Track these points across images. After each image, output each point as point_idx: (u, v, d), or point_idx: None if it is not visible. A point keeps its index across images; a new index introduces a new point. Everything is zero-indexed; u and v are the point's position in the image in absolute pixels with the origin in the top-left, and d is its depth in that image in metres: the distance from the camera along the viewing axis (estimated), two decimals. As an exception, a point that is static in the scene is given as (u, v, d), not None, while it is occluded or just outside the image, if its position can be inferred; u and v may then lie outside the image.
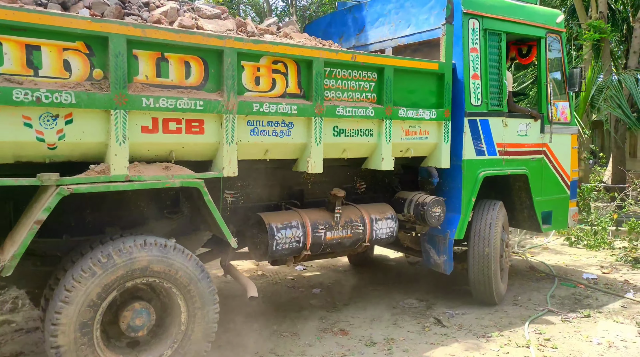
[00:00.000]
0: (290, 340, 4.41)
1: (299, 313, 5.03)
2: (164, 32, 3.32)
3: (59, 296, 3.10)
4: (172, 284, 3.44)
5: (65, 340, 3.07)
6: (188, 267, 3.46)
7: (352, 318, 4.93)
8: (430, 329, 4.69)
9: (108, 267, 3.18)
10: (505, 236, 5.31)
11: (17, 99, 2.87)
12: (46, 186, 3.09)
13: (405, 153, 4.64)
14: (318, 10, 15.69)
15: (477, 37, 4.91)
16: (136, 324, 3.39)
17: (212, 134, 3.58)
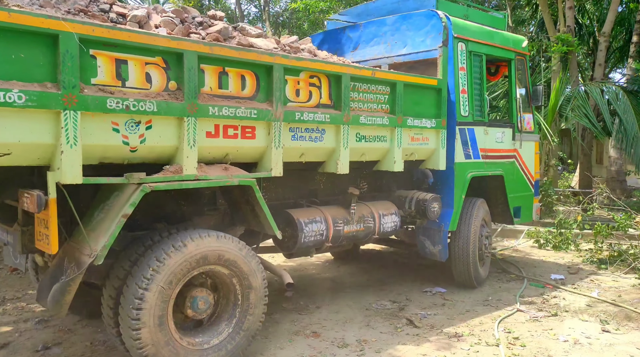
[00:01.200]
0: (261, 343, 4.32)
1: (270, 316, 4.88)
2: (227, 50, 3.67)
3: (138, 284, 3.35)
4: (229, 270, 3.76)
5: (147, 321, 3.34)
6: (239, 254, 3.79)
7: (324, 320, 4.93)
8: (402, 329, 4.73)
9: (182, 254, 3.46)
10: (485, 230, 5.99)
11: (110, 107, 3.13)
12: (123, 184, 3.35)
13: (410, 157, 5.19)
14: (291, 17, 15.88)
15: (464, 58, 5.56)
16: (200, 308, 3.69)
17: (262, 139, 3.95)
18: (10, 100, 2.76)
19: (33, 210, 3.02)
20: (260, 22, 17.50)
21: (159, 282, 3.38)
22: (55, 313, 3.30)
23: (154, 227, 3.93)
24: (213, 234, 3.68)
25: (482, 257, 5.96)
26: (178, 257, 3.45)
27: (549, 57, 12.66)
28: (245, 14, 17.92)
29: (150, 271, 3.36)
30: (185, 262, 3.49)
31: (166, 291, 3.42)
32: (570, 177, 12.86)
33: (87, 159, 3.13)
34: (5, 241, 3.80)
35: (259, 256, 4.72)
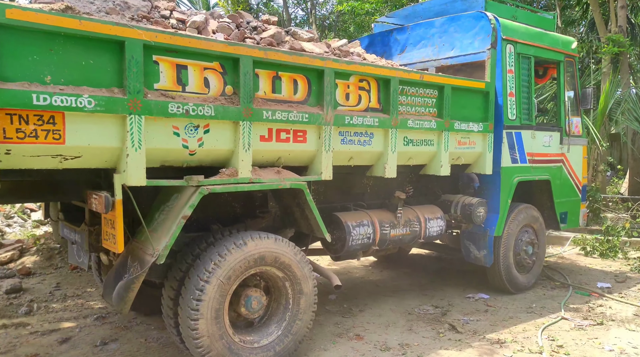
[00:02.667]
0: (306, 344, 4.36)
1: (314, 319, 4.98)
2: (281, 54, 3.75)
3: (200, 276, 3.47)
4: (283, 273, 3.85)
5: (204, 312, 3.45)
6: (293, 258, 3.87)
7: (367, 324, 4.97)
8: (444, 334, 4.73)
9: (242, 252, 3.59)
10: (526, 236, 5.90)
11: (171, 112, 3.25)
12: (182, 186, 3.47)
13: (457, 161, 5.17)
14: (338, 20, 15.91)
15: (512, 60, 5.51)
16: (253, 307, 3.78)
17: (313, 142, 4.02)
18: (81, 105, 2.91)
19: (101, 210, 3.16)
20: (307, 26, 17.55)
21: (219, 276, 3.50)
22: (120, 309, 3.44)
23: (210, 228, 4.05)
24: (272, 237, 3.78)
25: (520, 263, 5.88)
26: (238, 254, 3.57)
27: (600, 58, 12.25)
28: (292, 17, 17.99)
29: (212, 265, 3.48)
30: (244, 259, 3.59)
31: (224, 286, 3.53)
32: (619, 183, 12.31)
33: (150, 161, 3.25)
34: (73, 240, 3.98)
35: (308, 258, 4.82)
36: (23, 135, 2.78)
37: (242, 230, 3.92)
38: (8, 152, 2.78)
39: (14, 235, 8.15)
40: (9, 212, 9.53)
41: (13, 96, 2.71)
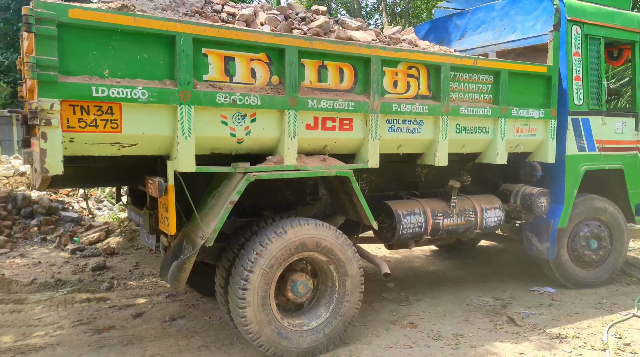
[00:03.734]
0: (359, 329, 4.52)
1: (369, 305, 5.15)
2: (326, 44, 3.85)
3: (244, 266, 3.66)
4: (326, 257, 3.96)
5: (251, 301, 3.64)
6: (335, 242, 3.97)
7: (422, 312, 5.01)
8: (502, 327, 4.68)
9: (282, 240, 3.74)
10: (588, 229, 5.58)
11: (219, 101, 3.45)
12: (231, 173, 3.67)
13: (515, 149, 5.03)
14: (408, 7, 15.74)
15: (579, 42, 5.25)
16: (299, 292, 3.93)
17: (359, 130, 4.08)
18: (135, 96, 3.17)
19: (155, 195, 3.43)
20: (377, 13, 17.44)
21: (261, 265, 3.67)
22: (174, 287, 3.71)
23: (261, 214, 4.25)
24: (311, 222, 3.90)
25: (581, 258, 5.60)
26: (279, 242, 3.72)
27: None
28: (362, 6, 17.91)
29: (254, 255, 3.66)
30: (285, 247, 3.74)
31: (268, 274, 3.70)
32: None
33: (200, 149, 3.48)
34: (138, 222, 4.34)
35: (358, 246, 4.91)
36: (84, 124, 3.09)
37: (292, 217, 4.07)
38: (72, 140, 3.09)
39: (103, 218, 8.95)
40: (99, 196, 10.45)
41: (75, 89, 3.02)
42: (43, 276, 5.92)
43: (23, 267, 6.24)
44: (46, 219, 7.88)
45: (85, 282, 5.75)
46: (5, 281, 5.60)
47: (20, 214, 7.87)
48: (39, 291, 5.48)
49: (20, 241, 7.29)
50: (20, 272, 6.03)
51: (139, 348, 4.14)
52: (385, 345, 4.26)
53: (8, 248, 6.90)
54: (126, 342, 4.25)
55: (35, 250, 7.05)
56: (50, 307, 5.00)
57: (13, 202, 7.94)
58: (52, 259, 6.65)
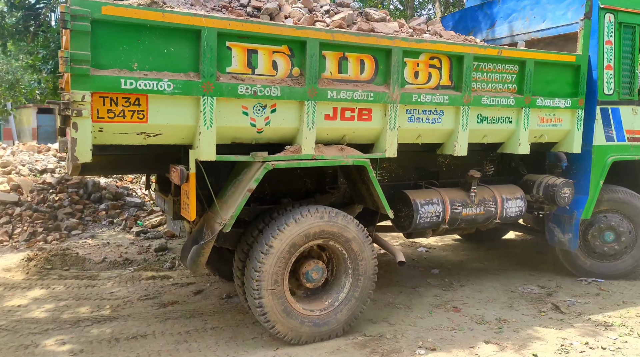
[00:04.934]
0: (404, 312, 4.86)
1: (414, 289, 5.49)
2: (347, 36, 4.03)
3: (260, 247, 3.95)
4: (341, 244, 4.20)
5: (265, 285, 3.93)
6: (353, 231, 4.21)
7: (466, 298, 5.25)
8: (546, 314, 4.86)
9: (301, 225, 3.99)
10: (605, 221, 5.63)
11: (240, 93, 3.69)
12: (250, 162, 3.93)
13: (539, 139, 5.12)
14: None
15: (612, 31, 5.25)
16: (314, 278, 4.20)
17: (378, 120, 4.27)
18: (161, 88, 3.45)
19: (177, 182, 3.73)
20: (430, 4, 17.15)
21: (278, 249, 3.94)
22: (193, 271, 4.03)
23: (280, 202, 4.51)
24: (328, 210, 4.13)
25: (593, 250, 5.72)
26: (295, 228, 3.96)
27: None
28: None
29: (271, 239, 3.93)
30: (301, 233, 3.99)
31: (284, 259, 3.96)
32: None
33: (222, 139, 3.75)
34: (163, 208, 4.68)
35: (376, 234, 5.13)
36: (113, 115, 3.38)
37: (311, 204, 4.32)
38: (101, 130, 3.40)
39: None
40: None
41: (106, 81, 3.31)
42: (112, 255, 6.60)
43: (94, 247, 6.98)
44: (113, 203, 8.68)
45: (149, 262, 6.39)
46: (80, 259, 6.27)
47: (90, 199, 8.72)
48: (109, 269, 6.17)
49: (90, 224, 8.09)
50: (91, 252, 6.75)
51: (200, 321, 4.61)
52: (429, 327, 4.56)
53: (80, 230, 7.69)
54: (188, 315, 4.74)
55: (104, 232, 7.81)
56: (119, 283, 5.65)
57: (84, 188, 8.80)
58: (119, 240, 7.40)
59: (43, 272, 5.87)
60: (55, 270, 5.96)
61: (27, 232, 7.12)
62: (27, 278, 5.71)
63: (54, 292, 5.28)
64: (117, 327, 4.45)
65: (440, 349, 4.13)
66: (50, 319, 4.58)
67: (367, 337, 4.32)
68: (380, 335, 4.37)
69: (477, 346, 4.21)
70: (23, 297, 5.14)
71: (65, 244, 7.02)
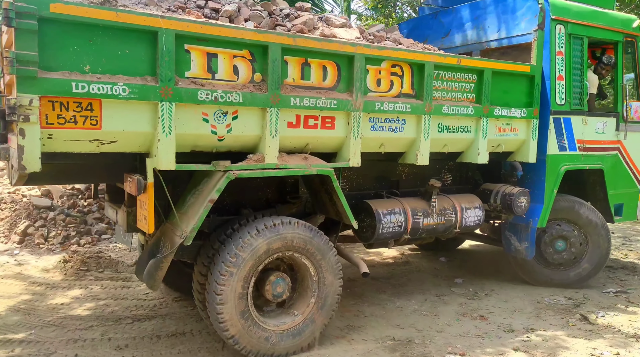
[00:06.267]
0: (430, 319, 5.05)
1: (439, 298, 5.66)
2: (310, 41, 4.03)
3: (222, 261, 3.84)
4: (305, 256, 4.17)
5: (228, 300, 3.83)
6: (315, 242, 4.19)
7: (492, 307, 5.38)
8: (574, 324, 4.96)
9: (263, 238, 3.92)
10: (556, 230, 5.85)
11: (200, 98, 3.61)
12: (212, 171, 3.84)
13: (497, 148, 5.30)
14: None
15: (562, 42, 5.54)
16: (277, 291, 4.13)
17: (341, 129, 4.28)
18: (116, 92, 3.31)
19: (134, 193, 3.58)
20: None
21: (240, 263, 3.85)
22: (150, 286, 3.87)
23: (241, 212, 4.42)
24: (292, 221, 4.09)
25: (548, 260, 5.93)
26: (257, 241, 3.90)
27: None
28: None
29: (233, 252, 3.84)
30: (263, 246, 3.92)
31: (246, 272, 3.88)
32: None
33: (181, 147, 3.63)
34: (115, 219, 4.47)
35: (338, 245, 5.12)
36: (63, 120, 3.21)
37: (272, 215, 4.26)
38: (50, 137, 3.22)
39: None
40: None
41: (55, 84, 3.14)
42: (142, 259, 6.86)
43: (124, 251, 7.21)
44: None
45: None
46: (113, 261, 6.53)
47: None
48: (141, 272, 6.44)
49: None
50: (122, 255, 6.97)
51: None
52: (456, 333, 4.70)
53: (109, 234, 7.89)
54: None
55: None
56: (153, 285, 5.92)
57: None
58: (147, 246, 7.61)
59: (80, 273, 6.19)
60: (90, 271, 6.25)
61: (61, 236, 7.47)
62: (65, 279, 6.02)
63: (93, 292, 5.59)
64: (156, 325, 4.75)
65: (470, 355, 4.24)
66: (93, 317, 4.92)
67: (397, 342, 4.49)
68: (409, 340, 4.53)
69: (507, 353, 4.33)
70: (64, 296, 5.47)
71: (97, 248, 7.30)
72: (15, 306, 5.15)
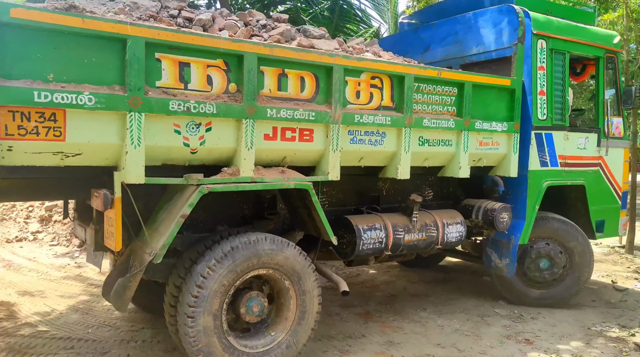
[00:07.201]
0: (472, 339, 4.94)
1: (482, 318, 5.52)
2: (287, 51, 3.92)
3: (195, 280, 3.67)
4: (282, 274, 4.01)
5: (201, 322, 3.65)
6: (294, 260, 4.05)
7: (538, 331, 5.21)
8: (628, 354, 4.74)
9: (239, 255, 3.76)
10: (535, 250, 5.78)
11: (172, 109, 3.46)
12: (184, 185, 3.68)
13: (478, 162, 5.23)
14: None
15: (544, 56, 5.52)
16: (253, 311, 3.96)
17: (320, 141, 4.17)
18: (81, 102, 3.15)
19: (100, 208, 3.41)
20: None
21: (214, 282, 3.68)
22: (117, 308, 3.68)
23: (215, 229, 4.26)
24: (268, 238, 3.94)
25: (532, 280, 5.84)
26: (232, 259, 3.74)
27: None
28: None
29: (206, 271, 3.67)
30: (238, 264, 3.76)
31: (220, 292, 3.71)
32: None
33: (151, 160, 3.48)
34: (83, 238, 4.27)
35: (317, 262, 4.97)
36: (24, 132, 3.04)
37: (248, 231, 4.10)
38: (10, 149, 3.04)
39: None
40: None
41: (15, 94, 2.97)
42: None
43: None
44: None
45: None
46: None
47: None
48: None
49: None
50: None
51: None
52: (500, 356, 4.59)
53: None
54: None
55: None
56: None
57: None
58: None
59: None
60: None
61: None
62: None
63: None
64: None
65: (514, 380, 4.03)
66: (145, 319, 5.12)
67: (438, 361, 4.34)
68: (450, 361, 4.31)
69: (554, 381, 4.12)
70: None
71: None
72: (74, 305, 5.59)
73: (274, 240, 3.97)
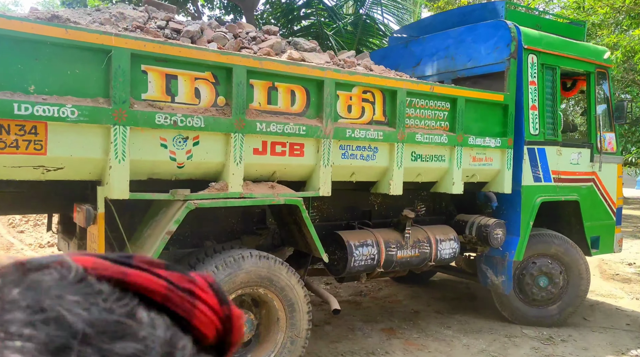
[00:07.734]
0: None
1: (509, 339, 5.35)
2: (277, 64, 3.85)
3: None
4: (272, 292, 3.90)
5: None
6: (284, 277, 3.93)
7: (569, 354, 4.99)
8: None
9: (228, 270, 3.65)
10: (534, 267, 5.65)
11: (158, 122, 3.37)
12: (170, 200, 3.57)
13: (471, 178, 5.15)
14: None
15: (535, 71, 5.48)
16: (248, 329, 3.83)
17: (311, 156, 4.08)
18: (63, 115, 3.04)
19: (82, 224, 3.29)
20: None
21: None
22: None
23: (203, 245, 4.14)
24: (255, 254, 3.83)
25: (530, 296, 5.70)
26: (220, 276, 3.62)
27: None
28: None
29: None
30: (227, 282, 3.65)
31: None
32: None
33: (136, 174, 3.37)
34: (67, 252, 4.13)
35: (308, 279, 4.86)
36: (3, 145, 2.92)
37: (237, 247, 3.99)
38: (-12, 162, 2.93)
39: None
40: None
41: (-6, 106, 2.87)
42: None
43: None
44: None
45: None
46: None
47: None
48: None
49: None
50: None
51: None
52: None
53: None
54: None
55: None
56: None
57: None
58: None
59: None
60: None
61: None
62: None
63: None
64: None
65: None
66: None
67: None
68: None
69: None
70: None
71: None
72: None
73: (263, 257, 3.85)
